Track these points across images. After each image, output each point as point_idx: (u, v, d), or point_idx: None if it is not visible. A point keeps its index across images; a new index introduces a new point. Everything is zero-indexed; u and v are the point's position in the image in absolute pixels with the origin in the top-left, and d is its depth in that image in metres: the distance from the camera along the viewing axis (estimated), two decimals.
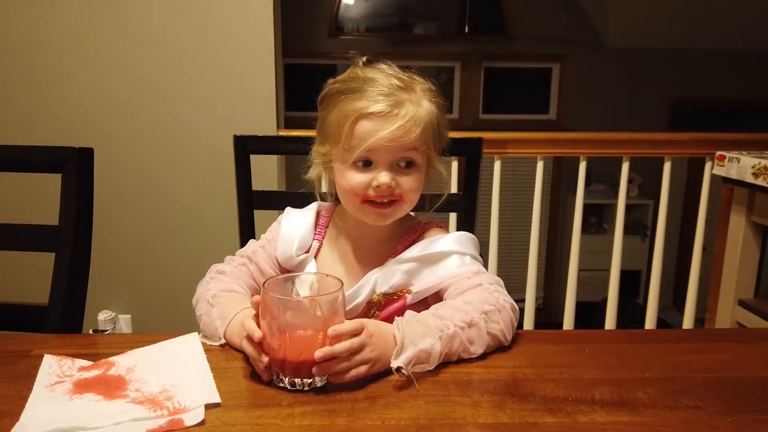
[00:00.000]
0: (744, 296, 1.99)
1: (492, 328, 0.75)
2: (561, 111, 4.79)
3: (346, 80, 0.84)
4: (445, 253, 0.86)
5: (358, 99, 0.80)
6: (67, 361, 0.70)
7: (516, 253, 4.13)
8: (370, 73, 0.83)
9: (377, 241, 0.90)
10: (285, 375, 0.65)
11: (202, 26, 1.97)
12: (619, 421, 0.60)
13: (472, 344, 0.73)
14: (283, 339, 0.64)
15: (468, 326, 0.72)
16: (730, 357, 0.76)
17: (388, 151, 0.80)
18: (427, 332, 0.70)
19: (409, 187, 0.83)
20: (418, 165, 0.83)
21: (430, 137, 0.84)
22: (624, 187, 2.14)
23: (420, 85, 0.85)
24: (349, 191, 0.83)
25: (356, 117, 0.80)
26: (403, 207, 0.85)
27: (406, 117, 0.80)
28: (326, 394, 0.64)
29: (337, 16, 4.52)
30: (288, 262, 0.90)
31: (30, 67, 1.97)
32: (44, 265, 0.94)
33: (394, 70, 0.85)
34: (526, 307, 2.17)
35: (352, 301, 0.86)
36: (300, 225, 0.91)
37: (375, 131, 0.79)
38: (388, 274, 0.86)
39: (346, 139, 0.81)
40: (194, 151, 2.04)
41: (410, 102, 0.81)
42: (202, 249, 2.09)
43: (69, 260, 0.90)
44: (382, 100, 0.80)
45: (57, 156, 0.92)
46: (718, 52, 4.44)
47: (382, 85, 0.81)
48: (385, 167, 0.81)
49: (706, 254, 2.16)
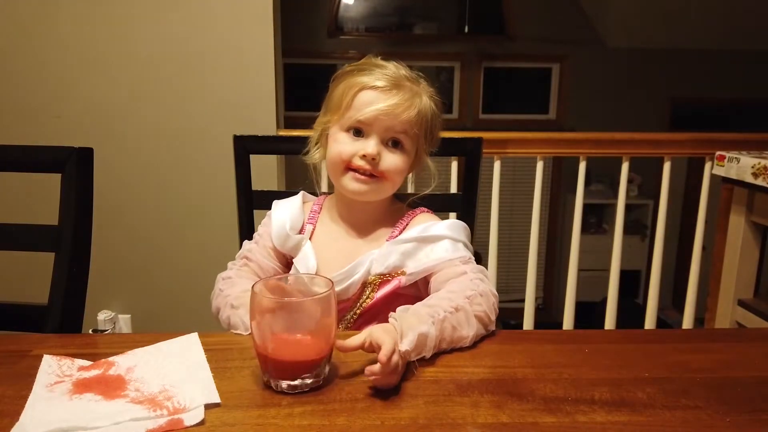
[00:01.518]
0: (743, 296, 1.99)
1: (476, 310, 0.78)
2: (561, 111, 4.79)
3: (359, 64, 0.91)
4: (440, 237, 0.90)
5: (365, 74, 0.88)
6: (66, 361, 0.70)
7: (516, 253, 4.14)
8: (379, 61, 0.91)
9: (367, 222, 0.94)
10: (277, 378, 0.65)
11: (201, 26, 1.97)
12: (619, 421, 0.60)
13: (462, 328, 0.76)
14: (274, 341, 0.64)
15: (455, 310, 0.76)
16: (730, 357, 0.76)
17: (381, 124, 0.86)
18: (421, 320, 0.72)
19: (393, 166, 0.88)
20: (406, 149, 0.89)
21: (423, 128, 0.89)
22: (624, 187, 2.14)
23: (424, 83, 0.92)
24: (337, 156, 0.88)
25: (360, 88, 0.87)
26: (385, 185, 0.89)
27: (405, 97, 0.86)
28: (326, 394, 0.64)
29: (337, 16, 4.53)
30: (283, 244, 0.94)
31: (30, 66, 1.97)
32: (44, 265, 0.94)
33: (404, 67, 0.92)
34: (526, 307, 2.17)
35: (347, 280, 0.89)
36: (288, 208, 0.97)
37: (374, 101, 0.85)
38: (385, 254, 0.89)
39: (347, 107, 0.87)
40: (194, 151, 2.04)
41: (412, 90, 0.88)
42: (202, 249, 2.09)
43: (69, 260, 0.90)
44: (387, 79, 0.87)
45: (57, 156, 0.92)
46: (718, 52, 4.44)
47: (390, 70, 0.88)
48: (375, 140, 0.87)
49: (706, 254, 2.16)
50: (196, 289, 2.12)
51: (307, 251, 0.93)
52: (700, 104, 4.64)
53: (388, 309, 0.90)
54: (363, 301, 0.91)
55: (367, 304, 0.91)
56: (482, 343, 0.78)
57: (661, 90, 4.61)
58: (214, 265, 1.72)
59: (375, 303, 0.91)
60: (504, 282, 3.33)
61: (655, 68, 4.53)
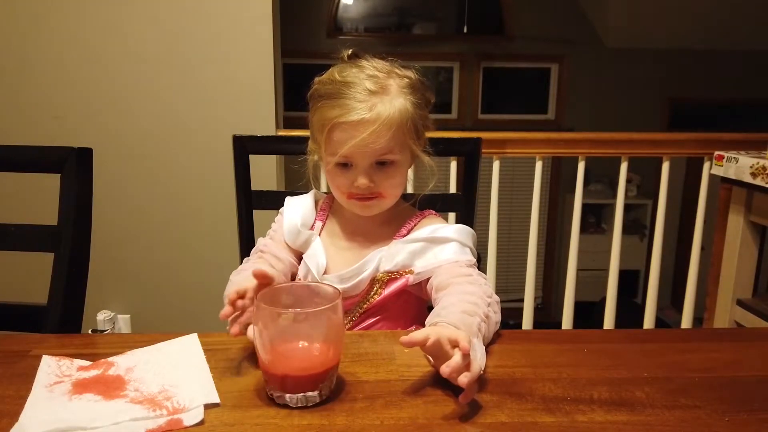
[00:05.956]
0: (742, 296, 1.99)
1: (496, 319, 0.79)
2: (560, 111, 4.79)
3: (326, 82, 0.88)
4: (448, 238, 0.90)
5: (332, 107, 0.85)
6: (65, 362, 0.70)
7: (515, 252, 4.14)
8: (347, 75, 0.87)
9: (375, 223, 0.95)
10: (281, 391, 0.62)
11: (201, 27, 1.97)
12: (618, 420, 0.60)
13: (489, 335, 0.76)
14: (280, 352, 0.62)
15: (486, 318, 0.75)
16: (729, 356, 0.76)
17: (363, 155, 0.86)
18: (470, 332, 0.69)
19: (388, 184, 0.89)
20: (396, 162, 0.88)
21: (407, 134, 0.87)
22: (622, 187, 2.14)
23: (397, 81, 0.87)
24: (336, 189, 0.91)
25: (331, 126, 0.85)
26: (385, 201, 0.91)
27: (376, 123, 0.84)
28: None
29: (336, 16, 4.52)
30: (295, 240, 0.95)
31: (29, 66, 1.97)
32: (43, 265, 0.94)
33: (372, 67, 0.88)
34: (525, 306, 2.17)
35: (356, 277, 0.90)
36: (301, 204, 0.99)
37: (348, 139, 0.84)
38: (393, 252, 0.90)
39: (326, 145, 0.87)
40: (193, 151, 2.04)
41: (382, 104, 0.85)
42: (202, 249, 2.09)
43: (68, 260, 0.90)
44: (354, 107, 0.84)
45: (56, 156, 0.92)
46: (717, 52, 4.44)
47: (356, 90, 0.84)
48: (363, 169, 0.87)
49: (705, 254, 2.16)
50: (195, 289, 2.13)
51: (317, 248, 0.94)
52: (699, 104, 4.64)
53: (393, 306, 0.91)
54: (371, 297, 0.92)
55: (374, 300, 0.92)
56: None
57: (660, 90, 4.62)
58: (214, 265, 1.74)
59: (381, 300, 0.91)
60: (503, 282, 3.33)
61: (653, 68, 4.54)
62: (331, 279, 0.90)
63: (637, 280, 4.88)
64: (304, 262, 0.94)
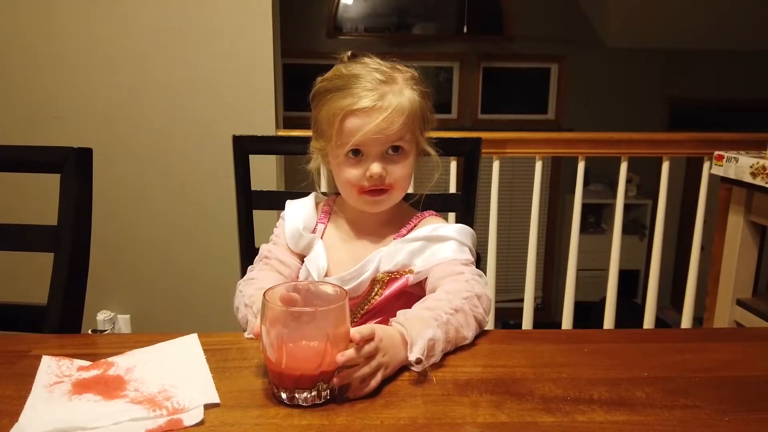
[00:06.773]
0: (742, 296, 2.00)
1: (474, 312, 0.79)
2: (559, 111, 4.79)
3: (332, 78, 0.89)
4: (448, 238, 0.91)
5: (343, 97, 0.86)
6: (65, 362, 0.70)
7: (515, 252, 4.14)
8: (353, 69, 0.88)
9: (377, 224, 0.96)
10: (286, 389, 0.62)
11: (201, 27, 1.97)
12: (618, 420, 0.60)
13: (463, 329, 0.76)
14: (286, 351, 0.62)
15: (455, 311, 0.76)
16: (729, 356, 0.76)
17: (376, 142, 0.86)
18: (425, 323, 0.72)
19: (399, 175, 0.89)
20: (406, 151, 0.89)
21: (415, 123, 0.89)
22: (622, 187, 2.14)
23: (402, 75, 0.89)
24: (347, 184, 0.90)
25: (343, 115, 0.85)
26: (395, 194, 0.91)
27: (389, 109, 0.85)
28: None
29: (336, 16, 4.53)
30: (296, 244, 0.95)
31: (29, 67, 1.97)
32: (43, 265, 0.94)
33: (376, 63, 0.90)
34: (525, 306, 2.17)
35: (357, 279, 0.90)
36: (302, 208, 0.98)
37: (362, 126, 0.85)
38: (393, 252, 0.90)
39: (337, 136, 0.87)
40: (193, 151, 2.04)
41: (392, 93, 0.86)
42: (202, 249, 2.09)
43: (67, 260, 0.90)
44: (366, 95, 0.85)
45: (55, 156, 0.92)
46: (716, 52, 4.44)
47: (365, 80, 0.86)
48: (375, 157, 0.87)
49: (705, 254, 2.16)
50: (195, 290, 2.13)
51: (318, 251, 0.94)
52: (699, 104, 4.64)
53: (394, 306, 0.91)
54: (371, 297, 0.92)
55: (375, 301, 0.92)
56: (481, 343, 0.78)
57: (660, 90, 4.62)
58: (214, 265, 1.74)
59: (382, 300, 0.91)
60: (503, 282, 3.33)
61: (653, 68, 4.54)
62: (331, 281, 0.90)
63: (637, 280, 4.88)
64: (304, 266, 0.94)
